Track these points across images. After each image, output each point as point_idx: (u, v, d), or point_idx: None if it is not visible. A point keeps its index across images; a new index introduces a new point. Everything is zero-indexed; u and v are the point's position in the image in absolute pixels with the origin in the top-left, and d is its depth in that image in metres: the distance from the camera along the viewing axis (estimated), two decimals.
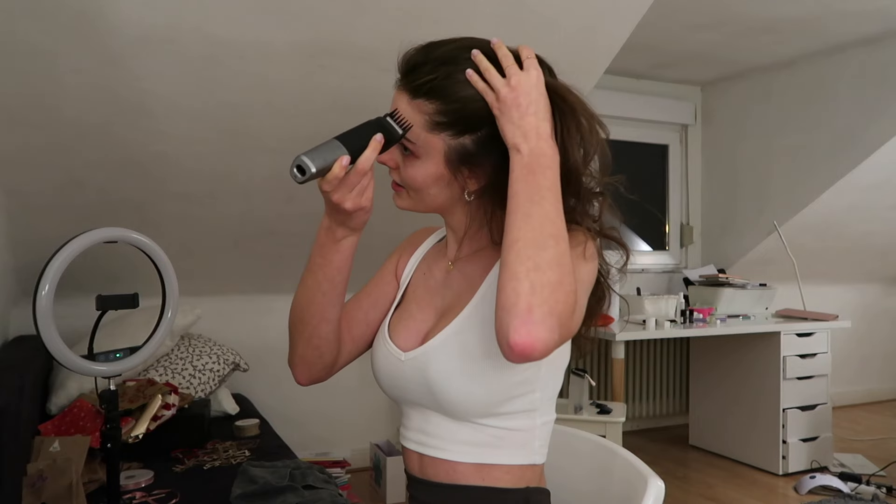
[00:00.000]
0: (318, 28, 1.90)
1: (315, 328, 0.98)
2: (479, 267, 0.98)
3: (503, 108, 0.85)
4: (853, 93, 3.39)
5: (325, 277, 0.95)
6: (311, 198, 2.53)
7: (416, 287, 1.06)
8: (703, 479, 3.21)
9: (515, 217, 0.81)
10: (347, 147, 0.84)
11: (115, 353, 1.28)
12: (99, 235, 1.23)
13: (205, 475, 1.85)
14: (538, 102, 0.85)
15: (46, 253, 1.21)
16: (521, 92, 0.84)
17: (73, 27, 1.71)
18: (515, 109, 0.84)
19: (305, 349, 1.00)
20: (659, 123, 4.12)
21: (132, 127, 2.07)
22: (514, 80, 0.85)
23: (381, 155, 0.89)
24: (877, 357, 4.77)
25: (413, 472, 1.00)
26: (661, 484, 0.93)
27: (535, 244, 0.78)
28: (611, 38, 2.27)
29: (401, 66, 0.91)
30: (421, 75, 0.88)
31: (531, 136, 0.83)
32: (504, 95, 0.84)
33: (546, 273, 0.77)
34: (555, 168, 0.83)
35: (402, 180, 0.94)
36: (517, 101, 0.84)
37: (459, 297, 0.97)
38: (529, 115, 0.84)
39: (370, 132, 0.86)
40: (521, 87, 0.84)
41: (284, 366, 1.06)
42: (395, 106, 0.90)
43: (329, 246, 0.93)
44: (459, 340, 0.91)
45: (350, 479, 2.77)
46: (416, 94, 0.88)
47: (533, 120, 0.84)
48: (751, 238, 3.90)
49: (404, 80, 0.90)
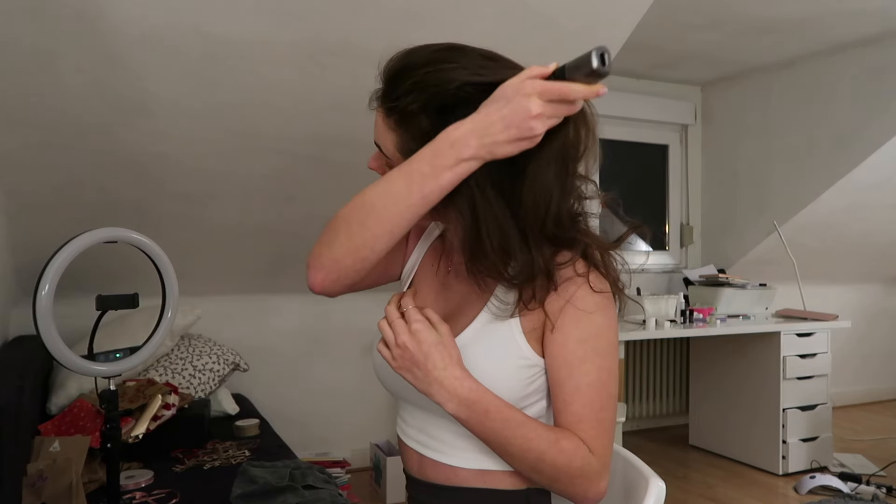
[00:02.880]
0: (318, 28, 1.90)
1: (375, 239, 0.85)
2: None
3: (401, 368, 0.86)
4: (853, 93, 3.39)
5: (422, 194, 0.81)
6: (311, 198, 2.55)
7: (420, 281, 1.04)
8: (703, 479, 3.21)
9: (504, 456, 0.88)
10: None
11: (115, 353, 1.28)
12: (99, 235, 1.23)
13: (205, 475, 1.85)
14: (430, 353, 0.84)
15: (46, 253, 1.21)
16: (414, 350, 0.84)
17: (73, 27, 1.71)
18: (418, 369, 0.85)
19: (347, 256, 0.87)
20: (659, 123, 4.12)
21: (132, 127, 2.07)
22: (400, 339, 0.85)
23: (372, 160, 0.92)
24: (877, 357, 4.77)
25: (412, 472, 1.00)
26: (661, 484, 0.93)
27: (533, 468, 0.86)
28: (611, 39, 2.27)
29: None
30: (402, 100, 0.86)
31: (450, 393, 0.84)
32: (399, 357, 0.86)
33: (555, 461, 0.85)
34: (487, 402, 0.84)
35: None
36: (414, 358, 0.84)
37: (464, 305, 0.95)
38: (432, 371, 0.84)
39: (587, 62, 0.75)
40: (411, 344, 0.85)
41: (284, 366, 1.06)
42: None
43: (453, 169, 0.79)
44: (470, 353, 0.89)
45: (350, 479, 2.77)
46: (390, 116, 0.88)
47: (439, 375, 0.84)
48: (751, 238, 3.90)
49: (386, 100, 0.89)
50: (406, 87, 0.84)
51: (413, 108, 0.84)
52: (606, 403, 0.87)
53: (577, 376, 0.87)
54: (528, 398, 0.91)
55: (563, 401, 0.88)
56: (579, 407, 0.87)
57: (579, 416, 0.87)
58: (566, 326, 0.88)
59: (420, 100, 0.84)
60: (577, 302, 0.87)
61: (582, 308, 0.87)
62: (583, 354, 0.87)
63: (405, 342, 0.84)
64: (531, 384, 0.90)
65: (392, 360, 0.86)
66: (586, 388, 0.87)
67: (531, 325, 0.90)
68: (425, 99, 0.84)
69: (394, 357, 0.86)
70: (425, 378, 0.84)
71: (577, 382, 0.87)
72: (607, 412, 0.88)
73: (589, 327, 0.87)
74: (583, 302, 0.87)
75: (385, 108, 0.88)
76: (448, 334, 0.86)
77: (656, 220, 4.25)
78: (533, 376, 0.90)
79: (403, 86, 0.84)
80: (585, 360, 0.87)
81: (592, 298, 0.88)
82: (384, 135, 0.89)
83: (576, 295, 0.87)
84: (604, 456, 0.86)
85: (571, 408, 0.87)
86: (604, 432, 0.87)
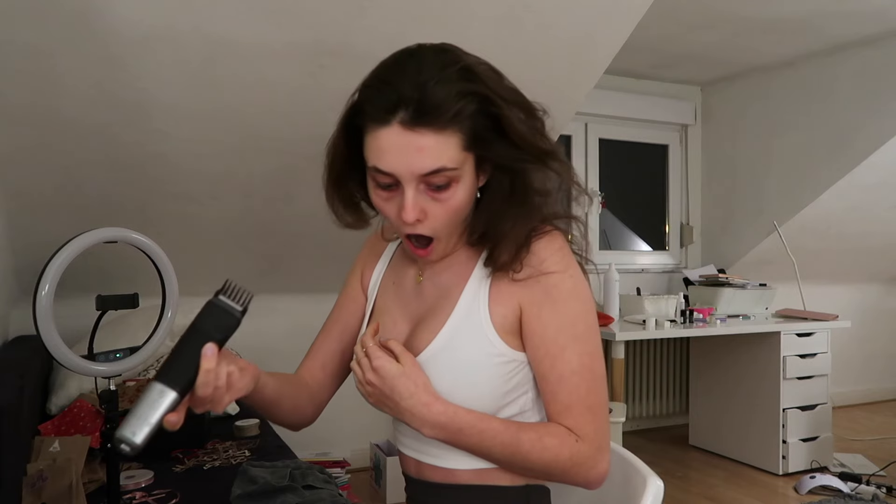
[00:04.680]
0: (318, 28, 1.90)
1: (287, 416, 1.01)
2: (454, 275, 0.96)
3: (376, 403, 0.90)
4: (853, 93, 3.39)
5: (265, 404, 0.95)
6: (311, 198, 2.54)
7: (385, 298, 1.04)
8: (703, 479, 3.21)
9: (493, 463, 0.91)
10: (173, 384, 0.73)
11: (115, 353, 1.28)
12: (99, 235, 1.23)
13: (205, 475, 1.85)
14: (394, 386, 0.87)
15: (46, 253, 1.21)
16: (380, 385, 0.88)
17: (72, 27, 1.71)
18: (388, 401, 0.88)
19: (287, 421, 1.03)
20: (659, 123, 4.11)
21: (132, 127, 2.07)
22: (367, 377, 0.89)
23: (403, 214, 0.85)
24: (877, 357, 4.77)
25: (410, 474, 1.01)
26: (659, 483, 0.94)
27: (524, 469, 0.89)
28: (611, 39, 2.27)
29: (403, 104, 0.81)
30: (439, 107, 0.81)
31: (422, 420, 0.86)
32: (370, 394, 0.90)
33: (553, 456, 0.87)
34: (459, 421, 0.86)
35: (438, 224, 0.89)
36: (382, 392, 0.88)
37: (435, 308, 0.95)
38: (399, 403, 0.87)
39: (196, 345, 0.74)
40: (376, 380, 0.88)
41: (284, 366, 1.07)
42: (407, 152, 0.82)
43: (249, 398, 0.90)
44: (447, 356, 0.90)
45: (350, 479, 2.77)
46: (445, 125, 0.81)
47: (407, 405, 0.86)
48: (751, 238, 3.90)
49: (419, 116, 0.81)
50: (458, 91, 0.81)
51: (472, 109, 0.82)
52: (593, 386, 0.88)
53: (560, 365, 0.88)
54: (510, 394, 0.91)
55: (550, 391, 0.89)
56: (565, 396, 0.88)
57: (566, 405, 0.88)
58: (543, 317, 0.89)
59: (474, 101, 0.82)
60: (550, 291, 0.89)
61: (556, 297, 0.89)
62: (563, 343, 0.88)
63: (371, 380, 0.88)
64: (511, 380, 0.91)
65: (367, 396, 0.91)
66: (570, 375, 0.88)
67: (502, 317, 0.90)
68: (478, 100, 0.83)
69: (367, 393, 0.90)
70: (396, 409, 0.87)
71: (560, 372, 0.88)
72: (595, 395, 0.88)
73: (565, 314, 0.89)
74: (556, 290, 0.89)
75: (442, 121, 0.81)
76: (411, 363, 0.88)
77: (656, 220, 4.25)
78: (511, 371, 0.91)
79: (452, 92, 0.81)
80: (566, 348, 0.88)
81: (564, 284, 0.89)
82: (443, 151, 0.82)
83: (548, 284, 0.89)
84: (595, 439, 0.87)
85: (558, 397, 0.88)
86: (593, 417, 0.88)
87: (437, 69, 0.81)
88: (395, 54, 0.87)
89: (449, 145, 0.82)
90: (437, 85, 0.80)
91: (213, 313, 0.76)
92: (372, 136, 0.83)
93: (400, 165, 0.82)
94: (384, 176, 0.84)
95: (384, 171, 0.83)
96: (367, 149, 0.85)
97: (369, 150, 0.84)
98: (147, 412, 0.71)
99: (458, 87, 0.81)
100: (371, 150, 0.84)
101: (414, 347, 0.93)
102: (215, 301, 0.77)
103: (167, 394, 0.72)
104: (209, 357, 0.76)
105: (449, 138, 0.82)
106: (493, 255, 0.90)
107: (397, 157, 0.82)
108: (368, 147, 0.84)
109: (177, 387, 0.72)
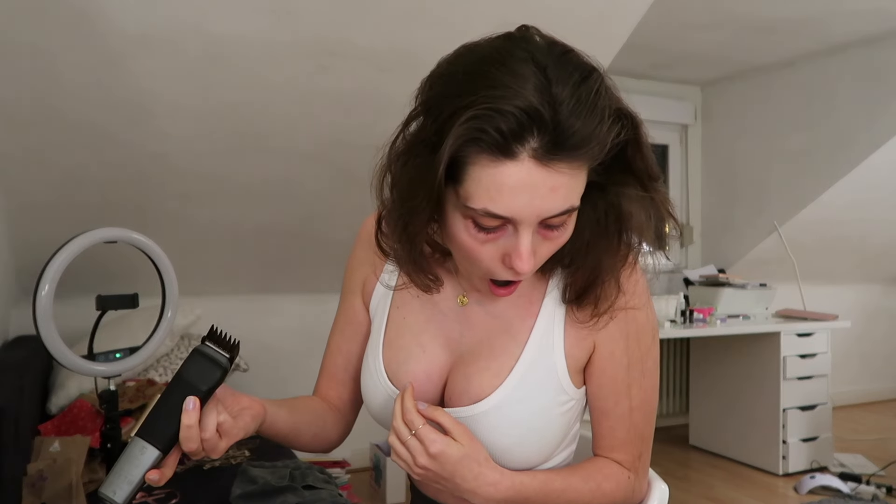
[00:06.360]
0: (318, 28, 1.90)
1: (308, 445, 0.93)
2: (514, 306, 0.82)
3: (427, 481, 0.77)
4: (853, 93, 3.39)
5: (280, 437, 0.88)
6: (311, 198, 2.54)
7: (405, 313, 0.87)
8: (703, 479, 3.21)
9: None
10: (154, 441, 0.70)
11: (115, 353, 1.28)
12: (99, 235, 1.23)
13: (205, 475, 1.85)
14: (456, 470, 0.74)
15: (46, 253, 1.21)
16: (438, 470, 0.74)
17: (72, 27, 1.71)
18: (446, 482, 0.75)
19: (310, 449, 0.96)
20: (659, 123, 4.11)
21: (132, 127, 2.07)
22: (420, 462, 0.74)
23: (517, 264, 0.67)
24: (877, 357, 4.77)
25: (426, 493, 0.93)
26: (664, 487, 0.93)
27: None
28: (611, 38, 2.27)
29: (549, 129, 0.61)
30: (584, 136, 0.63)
31: (487, 499, 0.75)
32: (421, 476, 0.75)
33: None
34: (525, 491, 0.77)
35: (538, 264, 0.73)
36: (439, 476, 0.74)
37: (493, 344, 0.82)
38: (461, 485, 0.75)
39: (180, 398, 0.70)
40: (434, 466, 0.74)
41: (284, 366, 1.06)
42: (538, 192, 0.63)
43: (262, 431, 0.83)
44: (516, 408, 0.79)
45: (350, 479, 2.77)
46: (584, 155, 0.64)
47: (470, 486, 0.75)
48: (751, 238, 3.90)
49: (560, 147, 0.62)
50: (605, 111, 0.64)
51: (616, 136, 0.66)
52: (649, 419, 0.86)
53: (624, 402, 0.83)
54: (566, 438, 0.86)
55: (608, 427, 0.85)
56: (624, 432, 0.85)
57: (623, 440, 0.85)
58: (616, 355, 0.82)
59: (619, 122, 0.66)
60: (628, 328, 0.82)
61: (630, 334, 0.82)
62: (630, 380, 0.83)
63: (425, 465, 0.73)
64: (575, 424, 0.87)
65: (414, 476, 0.77)
66: (631, 412, 0.84)
67: (576, 360, 0.82)
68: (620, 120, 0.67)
69: (416, 474, 0.76)
70: (456, 490, 0.76)
71: (622, 410, 0.83)
72: (650, 426, 0.87)
73: (637, 351, 0.83)
74: (633, 326, 0.82)
75: (584, 152, 0.63)
76: (469, 439, 0.75)
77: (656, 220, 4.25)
78: (576, 415, 0.86)
79: (599, 113, 0.63)
80: (632, 385, 0.83)
81: (641, 320, 0.82)
82: (575, 188, 0.66)
83: (627, 319, 0.81)
84: (644, 467, 0.87)
85: (616, 433, 0.85)
86: (646, 447, 0.87)
87: (566, 75, 0.63)
88: (492, 51, 0.68)
89: (581, 180, 0.66)
90: (578, 104, 0.61)
91: (197, 362, 0.72)
92: (484, 171, 0.63)
93: (525, 209, 0.64)
94: (493, 219, 0.65)
95: (499, 214, 0.65)
96: (472, 185, 0.64)
97: (477, 188, 0.64)
98: (129, 470, 0.69)
99: (601, 104, 0.63)
100: (481, 187, 0.64)
101: (467, 392, 0.80)
102: (201, 349, 0.73)
103: (149, 451, 0.70)
104: (189, 413, 0.70)
105: (581, 171, 0.65)
106: (580, 291, 0.78)
107: (523, 200, 0.63)
108: (476, 183, 0.64)
109: (158, 444, 0.70)
